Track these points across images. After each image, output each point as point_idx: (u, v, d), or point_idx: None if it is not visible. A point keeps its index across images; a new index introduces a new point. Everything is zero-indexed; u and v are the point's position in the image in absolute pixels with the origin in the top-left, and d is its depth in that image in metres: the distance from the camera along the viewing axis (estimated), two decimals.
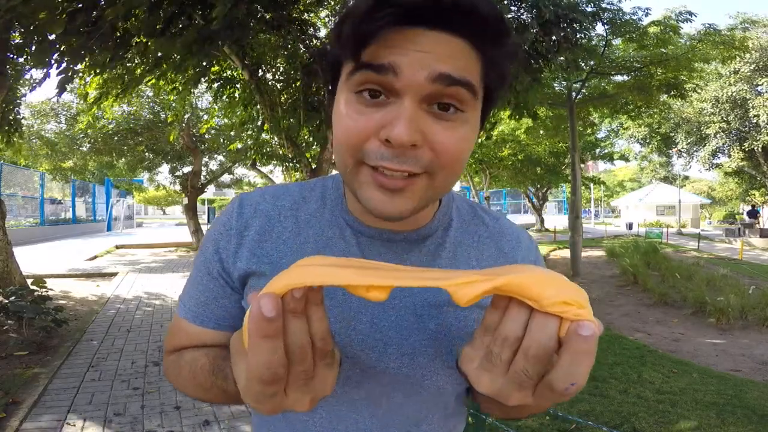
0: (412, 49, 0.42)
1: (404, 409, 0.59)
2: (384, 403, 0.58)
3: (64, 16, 3.65)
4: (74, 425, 2.80)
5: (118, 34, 4.07)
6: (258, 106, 6.38)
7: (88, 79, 5.23)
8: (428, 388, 0.58)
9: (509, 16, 4.35)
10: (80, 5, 3.65)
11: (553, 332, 0.34)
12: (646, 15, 7.36)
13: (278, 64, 6.65)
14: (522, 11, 4.23)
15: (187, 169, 14.57)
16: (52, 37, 4.24)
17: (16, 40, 4.17)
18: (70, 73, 4.46)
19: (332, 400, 0.58)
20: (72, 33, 3.74)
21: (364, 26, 0.41)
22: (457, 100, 0.44)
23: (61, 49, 4.07)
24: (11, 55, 4.42)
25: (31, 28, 3.75)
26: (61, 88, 4.03)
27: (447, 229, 0.60)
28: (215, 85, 6.17)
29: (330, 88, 0.52)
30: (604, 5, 6.85)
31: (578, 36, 4.81)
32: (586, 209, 38.32)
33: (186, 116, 11.08)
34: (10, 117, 5.42)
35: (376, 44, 0.42)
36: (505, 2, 4.06)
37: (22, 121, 5.70)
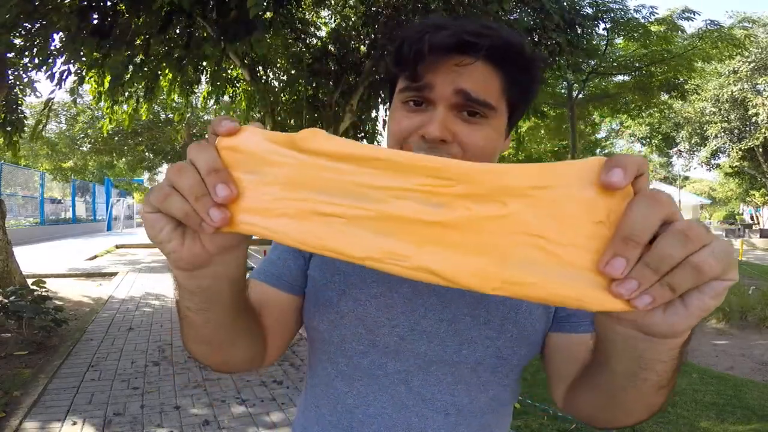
0: (444, 70, 0.55)
1: (443, 385, 0.61)
2: (420, 377, 0.61)
3: (76, 13, 3.67)
4: (74, 425, 2.80)
5: (118, 32, 4.07)
6: (258, 106, 6.38)
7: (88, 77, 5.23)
8: (466, 358, 0.60)
9: (513, 17, 4.35)
10: (93, 3, 3.66)
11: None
12: (652, 14, 7.34)
13: (279, 64, 6.65)
14: (525, 15, 4.22)
15: None
16: (57, 36, 4.25)
17: (16, 40, 4.17)
18: (73, 74, 4.47)
19: (371, 371, 0.62)
20: (84, 32, 3.75)
21: (418, 60, 0.55)
22: (478, 109, 0.56)
23: (65, 48, 4.08)
24: (10, 54, 4.43)
25: (36, 28, 3.76)
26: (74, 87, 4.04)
27: None
28: (217, 83, 6.17)
29: (389, 95, 0.65)
30: (607, 5, 6.86)
31: (581, 39, 4.81)
32: None
33: (186, 116, 11.10)
34: (13, 117, 5.42)
35: (420, 67, 0.55)
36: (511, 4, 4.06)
37: (24, 121, 5.67)
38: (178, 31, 4.77)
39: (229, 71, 6.45)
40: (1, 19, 2.94)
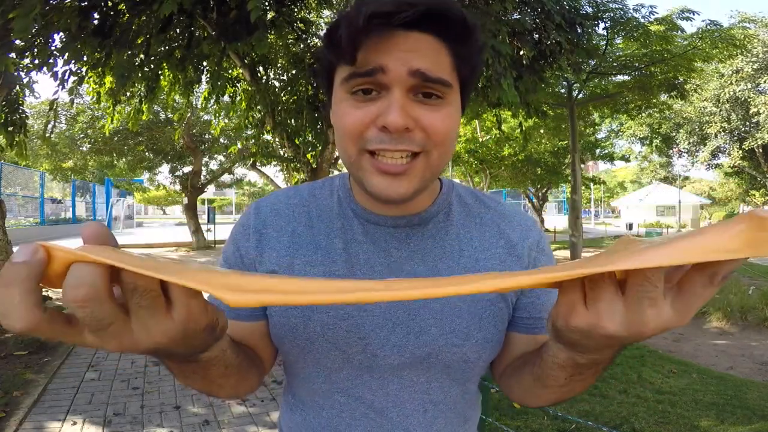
0: (395, 49, 0.50)
1: (418, 386, 0.63)
2: (396, 382, 0.63)
3: (77, 13, 3.67)
4: (74, 425, 2.80)
5: (119, 32, 4.07)
6: (259, 106, 6.37)
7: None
8: (435, 365, 0.62)
9: (516, 17, 4.35)
10: (94, 3, 3.66)
11: None
12: (651, 14, 7.31)
13: (279, 64, 6.65)
14: (525, 15, 4.21)
15: (187, 168, 14.57)
16: (58, 37, 4.25)
17: (16, 41, 4.16)
18: (76, 74, 4.47)
19: (348, 383, 0.63)
20: (86, 32, 3.75)
21: (358, 39, 0.49)
22: (435, 89, 0.52)
23: (66, 48, 4.08)
24: (10, 54, 4.43)
25: (35, 28, 3.75)
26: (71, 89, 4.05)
27: (448, 213, 0.65)
28: (218, 83, 6.16)
29: (326, 88, 0.59)
30: (606, 5, 6.85)
31: (581, 39, 4.80)
32: (586, 209, 38.29)
33: (186, 116, 11.09)
34: (15, 117, 5.41)
35: (365, 50, 0.50)
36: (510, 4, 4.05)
37: (26, 121, 5.66)
38: (178, 31, 4.77)
39: (230, 71, 6.44)
40: (22, 27, 2.86)
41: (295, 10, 5.60)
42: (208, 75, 6.00)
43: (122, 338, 0.32)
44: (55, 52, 4.36)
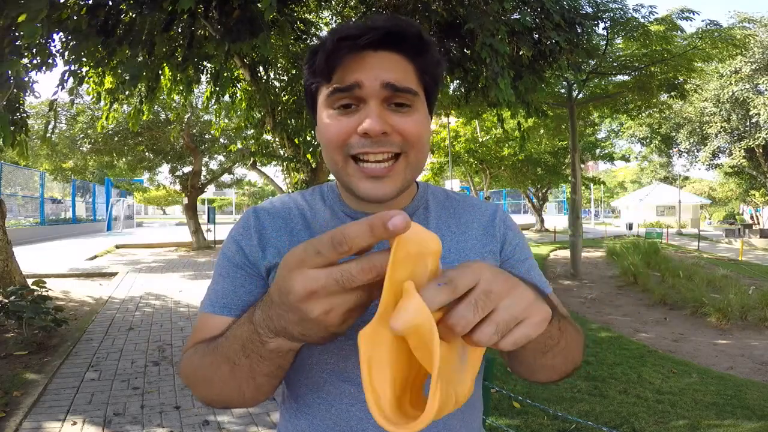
0: (367, 67, 0.58)
1: None
2: None
3: (84, 12, 3.66)
4: (74, 425, 2.80)
5: (122, 31, 4.07)
6: (259, 106, 6.37)
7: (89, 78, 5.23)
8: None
9: (514, 16, 4.36)
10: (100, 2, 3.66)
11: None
12: (651, 14, 7.30)
13: (279, 64, 6.65)
14: (525, 15, 4.21)
15: (187, 168, 14.57)
16: (57, 36, 4.24)
17: (17, 42, 4.16)
18: (77, 74, 4.47)
19: (357, 371, 0.64)
20: (93, 32, 3.75)
21: (331, 59, 0.57)
22: (404, 98, 0.60)
23: (74, 47, 4.08)
24: (12, 56, 4.42)
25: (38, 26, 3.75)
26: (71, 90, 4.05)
27: (426, 208, 0.74)
28: (221, 83, 6.16)
29: (311, 109, 0.69)
30: (606, 5, 6.84)
31: (581, 39, 4.80)
32: (586, 209, 38.29)
33: (186, 116, 11.08)
34: (16, 117, 5.41)
35: (342, 70, 0.58)
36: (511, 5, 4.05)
37: (27, 120, 5.66)
38: (180, 31, 4.77)
39: (231, 71, 6.44)
40: (30, 32, 2.82)
41: (296, 10, 5.60)
42: (209, 75, 6.00)
43: (337, 308, 0.41)
44: (55, 53, 4.36)
